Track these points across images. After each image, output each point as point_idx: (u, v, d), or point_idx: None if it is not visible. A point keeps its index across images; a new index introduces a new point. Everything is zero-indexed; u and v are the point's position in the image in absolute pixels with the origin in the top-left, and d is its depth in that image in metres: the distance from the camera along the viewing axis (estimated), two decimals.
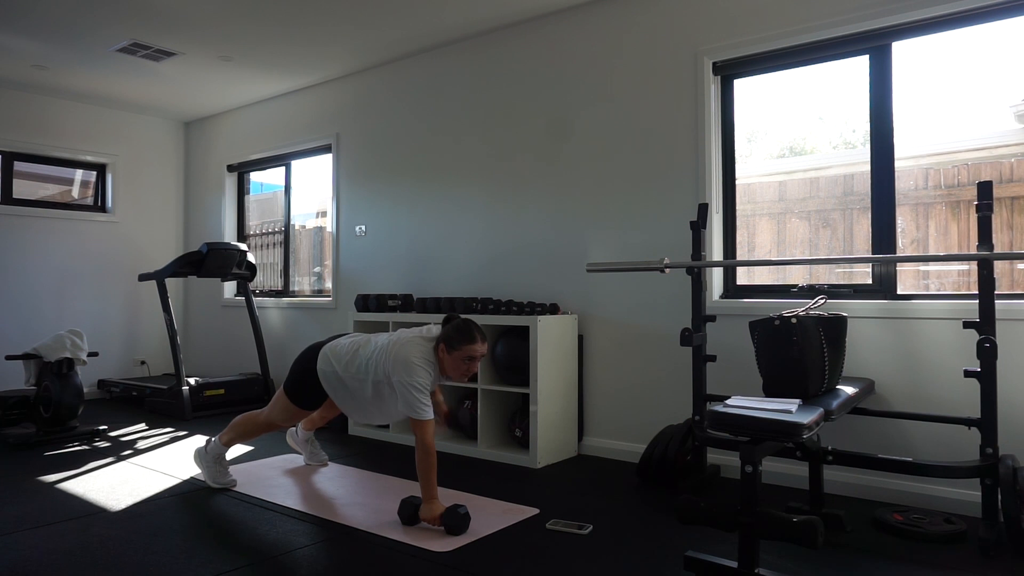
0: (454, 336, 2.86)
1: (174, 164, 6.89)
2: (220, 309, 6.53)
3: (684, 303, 3.73)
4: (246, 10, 4.23)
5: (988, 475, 2.57)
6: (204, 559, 2.43)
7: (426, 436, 2.78)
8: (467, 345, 2.84)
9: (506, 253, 4.47)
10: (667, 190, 3.81)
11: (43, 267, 5.97)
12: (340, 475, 3.55)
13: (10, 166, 5.90)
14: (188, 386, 5.22)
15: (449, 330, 2.89)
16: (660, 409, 3.80)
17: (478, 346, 2.86)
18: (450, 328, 2.89)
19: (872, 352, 3.19)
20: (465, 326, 2.88)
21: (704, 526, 2.33)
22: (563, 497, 3.18)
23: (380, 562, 2.41)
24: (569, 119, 4.21)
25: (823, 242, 3.51)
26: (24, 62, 5.14)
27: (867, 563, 2.40)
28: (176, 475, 3.56)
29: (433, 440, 2.79)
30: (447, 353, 2.87)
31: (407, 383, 2.80)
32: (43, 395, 4.36)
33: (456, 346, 2.85)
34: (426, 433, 2.78)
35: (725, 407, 2.25)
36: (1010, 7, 2.95)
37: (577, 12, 4.18)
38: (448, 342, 2.86)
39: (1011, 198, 3.03)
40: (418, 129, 4.99)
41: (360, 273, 5.35)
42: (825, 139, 3.61)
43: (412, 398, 2.80)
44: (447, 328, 2.90)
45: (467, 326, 2.88)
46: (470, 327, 2.88)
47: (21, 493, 3.24)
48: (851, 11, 3.25)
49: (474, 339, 2.85)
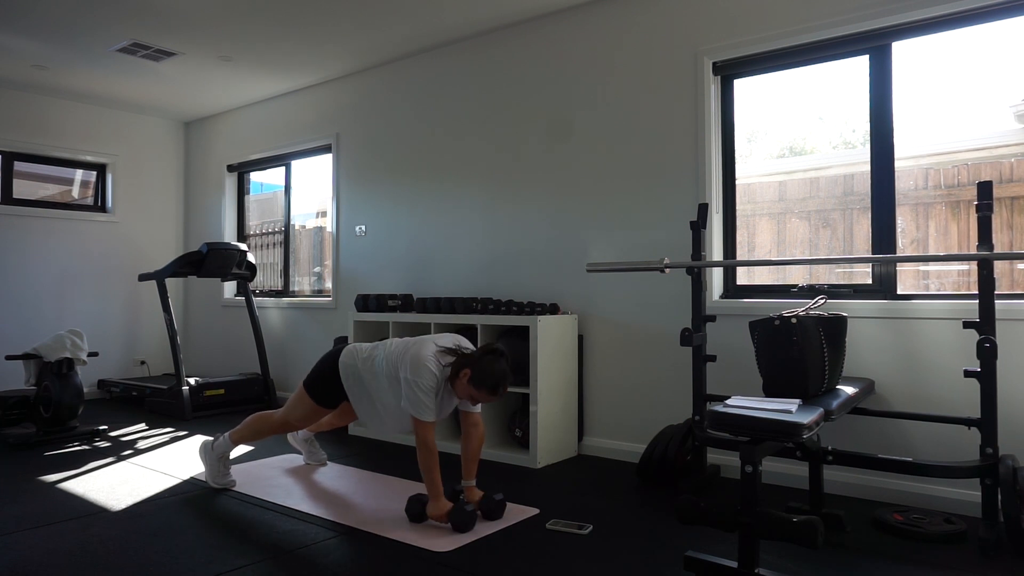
0: (485, 377, 2.74)
1: (174, 164, 6.89)
2: (220, 309, 6.53)
3: (684, 303, 3.73)
4: (246, 10, 4.23)
5: (988, 475, 2.57)
6: (204, 559, 2.43)
7: (427, 435, 2.78)
8: (487, 393, 2.76)
9: (506, 253, 4.47)
10: (667, 190, 3.81)
11: (43, 267, 5.97)
12: (340, 475, 3.55)
13: (10, 166, 5.90)
14: (188, 386, 5.22)
15: (484, 365, 2.75)
16: (660, 409, 3.80)
17: (496, 399, 2.80)
18: (486, 364, 2.75)
19: (872, 352, 3.19)
20: (499, 376, 2.75)
21: (704, 526, 2.33)
22: (563, 497, 3.18)
23: (380, 561, 2.41)
24: (569, 119, 4.21)
25: (823, 242, 3.51)
26: (24, 62, 5.14)
27: (867, 563, 2.40)
28: (176, 475, 3.56)
29: (434, 439, 2.79)
30: (469, 380, 2.77)
31: (412, 381, 2.80)
32: (43, 395, 4.36)
33: (479, 385, 2.75)
34: (427, 432, 2.78)
35: (725, 407, 2.25)
36: (1010, 7, 2.95)
37: (577, 12, 4.18)
38: (476, 373, 2.76)
39: (1011, 198, 3.03)
40: (418, 129, 4.99)
41: (360, 273, 5.35)
42: (825, 139, 3.61)
43: (415, 397, 2.79)
44: (485, 360, 2.77)
45: (500, 378, 2.76)
46: (499, 383, 2.75)
47: (21, 493, 3.24)
48: (851, 11, 3.25)
49: (496, 392, 2.77)
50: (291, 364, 5.82)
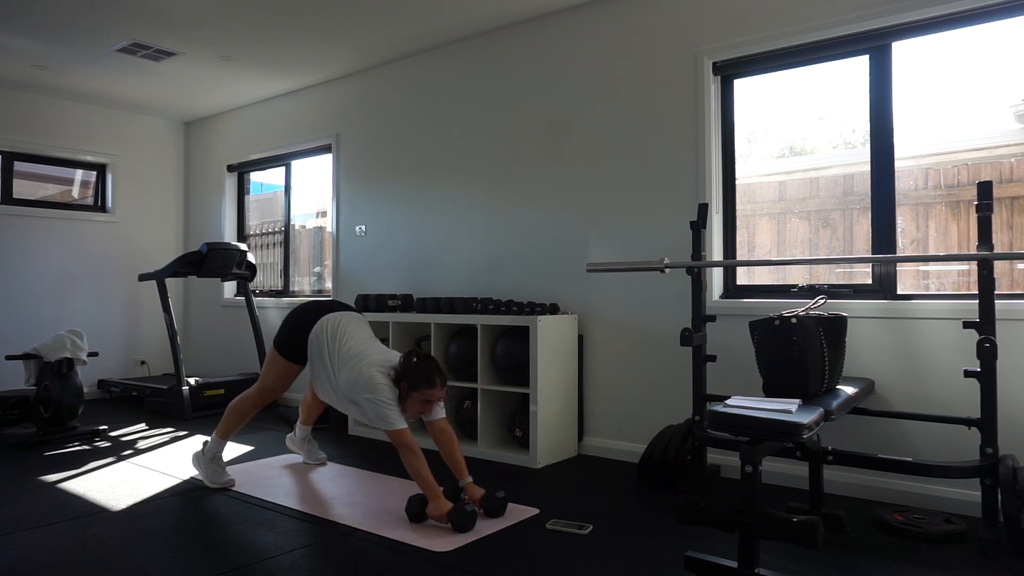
0: (417, 377, 2.84)
1: (174, 164, 6.89)
2: (220, 309, 6.53)
3: (684, 303, 3.73)
4: (246, 10, 4.23)
5: (988, 475, 2.57)
6: (204, 559, 2.43)
7: (405, 439, 2.81)
8: (427, 389, 2.85)
9: (506, 253, 4.47)
10: (667, 190, 3.81)
11: (43, 267, 5.97)
12: (339, 475, 3.55)
13: (10, 166, 5.90)
14: (188, 386, 5.22)
15: (412, 370, 2.86)
16: (660, 409, 3.80)
17: (437, 391, 2.86)
18: (413, 368, 2.87)
19: (872, 352, 3.19)
20: (427, 369, 2.86)
21: (704, 526, 2.33)
22: (563, 497, 3.18)
23: (380, 562, 2.41)
24: (569, 119, 4.21)
25: (823, 242, 3.51)
26: (24, 62, 5.14)
27: (867, 563, 2.40)
28: (176, 475, 3.56)
29: (413, 441, 2.82)
30: (408, 389, 2.86)
31: (374, 400, 2.84)
32: (43, 395, 4.35)
33: (417, 387, 2.85)
34: (404, 437, 2.82)
35: (725, 407, 2.25)
36: (1010, 7, 2.95)
37: (577, 12, 4.18)
38: (410, 382, 2.85)
39: (1011, 198, 3.03)
40: (418, 129, 4.99)
41: (360, 273, 5.35)
42: (825, 139, 3.61)
43: (382, 411, 2.83)
44: (410, 367, 2.87)
45: (429, 370, 2.86)
46: (431, 372, 2.86)
47: (21, 493, 3.24)
48: (851, 11, 3.25)
49: (434, 384, 2.85)
50: None
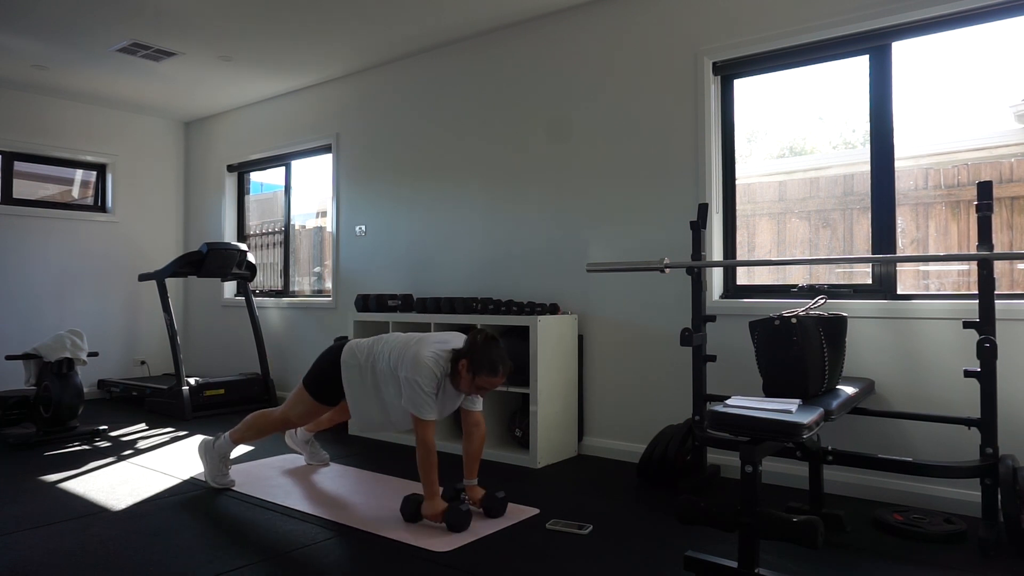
0: (482, 362, 2.75)
1: (174, 164, 6.89)
2: (220, 309, 6.53)
3: (684, 303, 3.73)
4: (246, 10, 4.23)
5: (988, 475, 2.57)
6: (204, 559, 2.43)
7: (427, 434, 2.78)
8: (488, 377, 2.76)
9: (506, 253, 4.47)
10: (667, 190, 3.81)
11: (43, 267, 5.97)
12: (340, 475, 3.55)
13: (10, 166, 5.89)
14: (188, 386, 5.22)
15: (478, 352, 2.76)
16: (660, 409, 3.80)
17: (498, 380, 2.78)
18: (480, 350, 2.76)
19: (872, 352, 3.19)
20: (496, 358, 2.76)
21: (704, 526, 2.33)
22: (563, 497, 3.18)
23: (380, 562, 2.41)
24: (569, 119, 4.21)
25: (823, 242, 3.51)
26: (24, 62, 5.14)
27: (867, 563, 2.40)
28: (176, 475, 3.56)
29: (433, 439, 2.79)
30: (467, 369, 2.77)
31: (411, 379, 2.79)
32: (43, 395, 4.35)
33: (478, 370, 2.75)
34: (427, 431, 2.78)
35: (725, 407, 2.25)
36: (1010, 7, 2.95)
37: (577, 12, 4.18)
38: (473, 363, 2.76)
39: (1011, 198, 3.03)
40: (418, 129, 4.99)
41: (360, 273, 5.35)
42: (825, 139, 3.61)
43: (415, 395, 2.78)
44: (477, 347, 2.77)
45: (497, 358, 2.76)
46: (497, 362, 2.76)
47: (21, 493, 3.24)
48: (851, 11, 3.25)
49: (497, 373, 2.76)
50: (291, 364, 5.82)
